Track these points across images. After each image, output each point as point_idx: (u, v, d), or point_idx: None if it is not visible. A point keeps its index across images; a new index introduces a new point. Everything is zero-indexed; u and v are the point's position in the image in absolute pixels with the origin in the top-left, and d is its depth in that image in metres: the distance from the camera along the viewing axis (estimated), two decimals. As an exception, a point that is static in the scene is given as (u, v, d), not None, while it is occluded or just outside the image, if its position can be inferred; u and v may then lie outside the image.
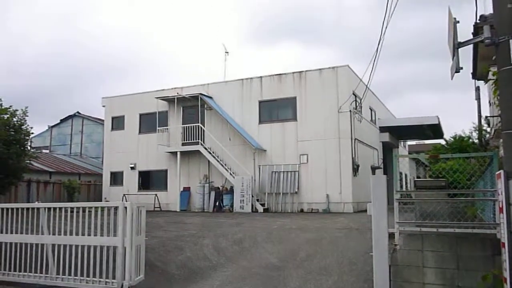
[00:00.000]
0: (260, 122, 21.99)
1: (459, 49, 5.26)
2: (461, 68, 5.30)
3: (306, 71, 21.32)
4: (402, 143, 34.18)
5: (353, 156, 20.13)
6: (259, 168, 21.42)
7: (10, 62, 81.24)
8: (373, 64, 12.58)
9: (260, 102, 22.11)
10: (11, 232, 7.90)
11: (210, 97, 22.99)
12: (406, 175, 28.02)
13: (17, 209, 7.99)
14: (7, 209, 8.06)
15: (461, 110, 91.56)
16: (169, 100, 23.60)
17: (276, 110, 22.00)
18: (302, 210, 20.17)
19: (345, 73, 20.51)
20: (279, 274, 7.59)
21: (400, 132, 28.11)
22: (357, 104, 21.20)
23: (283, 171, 20.84)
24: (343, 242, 9.76)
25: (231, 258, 8.90)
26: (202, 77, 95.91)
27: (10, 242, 7.90)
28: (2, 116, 19.25)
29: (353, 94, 20.53)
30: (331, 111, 20.23)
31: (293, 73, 21.55)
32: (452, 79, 5.67)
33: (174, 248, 9.55)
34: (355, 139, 20.52)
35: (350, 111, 20.11)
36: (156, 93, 24.03)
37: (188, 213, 20.76)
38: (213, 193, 21.76)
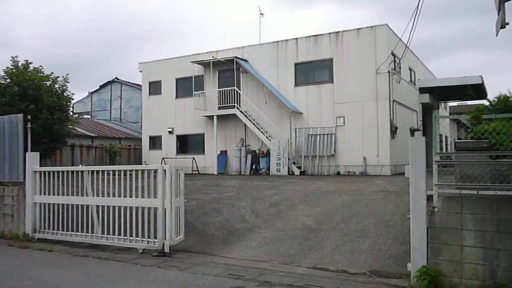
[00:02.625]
0: (296, 84, 21.77)
1: (506, 3, 4.98)
2: (507, 23, 5.03)
3: (343, 31, 20.76)
4: (443, 104, 33.13)
5: (391, 118, 19.74)
6: (295, 131, 21.36)
7: (51, 32, 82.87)
8: (413, 22, 12.11)
9: (296, 64, 21.81)
10: (59, 194, 8.27)
11: (246, 60, 22.84)
12: (446, 137, 27.32)
13: (63, 172, 8.34)
14: (54, 172, 8.42)
15: (506, 68, 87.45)
16: (205, 64, 23.61)
17: (312, 72, 21.68)
18: (338, 173, 20.12)
19: (383, 33, 19.86)
20: (315, 236, 7.68)
21: (441, 93, 27.21)
22: (396, 64, 20.60)
23: (320, 134, 20.72)
24: (380, 205, 9.72)
25: (267, 220, 9.04)
26: (237, 40, 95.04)
27: (58, 203, 8.30)
28: (44, 83, 19.84)
29: (392, 54, 19.92)
30: (368, 72, 19.77)
31: (330, 34, 21.05)
32: (497, 35, 5.41)
33: (212, 210, 9.78)
34: (394, 100, 20.06)
35: (389, 72, 19.58)
36: (191, 57, 24.08)
37: (225, 176, 21.09)
38: (249, 156, 21.94)
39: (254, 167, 21.64)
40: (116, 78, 36.49)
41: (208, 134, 23.85)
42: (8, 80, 19.33)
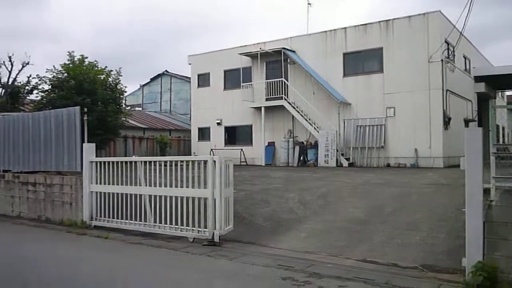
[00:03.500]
0: (345, 75, 21.45)
1: None
2: None
3: (394, 19, 20.22)
4: (500, 93, 31.60)
5: (444, 108, 19.08)
6: (344, 122, 21.09)
7: (103, 26, 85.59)
8: (469, 6, 11.60)
9: (344, 54, 21.49)
10: (114, 184, 8.59)
11: (293, 51, 22.72)
12: (503, 128, 26.07)
13: (117, 162, 8.64)
14: (109, 162, 8.74)
15: None
16: (252, 56, 23.69)
17: (361, 62, 21.28)
18: (388, 165, 19.71)
19: (436, 20, 19.17)
20: (365, 228, 7.58)
21: (498, 82, 25.88)
22: (450, 52, 19.85)
23: (369, 125, 20.36)
24: (432, 198, 9.46)
25: (315, 211, 9.01)
26: (284, 31, 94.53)
27: (113, 193, 8.62)
28: (98, 76, 20.59)
29: (445, 42, 19.21)
30: (420, 61, 19.17)
31: (379, 22, 20.56)
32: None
33: (260, 201, 9.86)
34: (447, 90, 19.36)
35: (442, 60, 18.91)
36: (239, 49, 24.22)
37: (272, 167, 21.16)
38: (297, 148, 21.89)
39: (301, 158, 21.58)
40: (166, 71, 37.28)
41: (255, 125, 23.98)
42: (65, 75, 20.19)
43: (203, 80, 26.86)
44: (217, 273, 5.67)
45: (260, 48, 23.10)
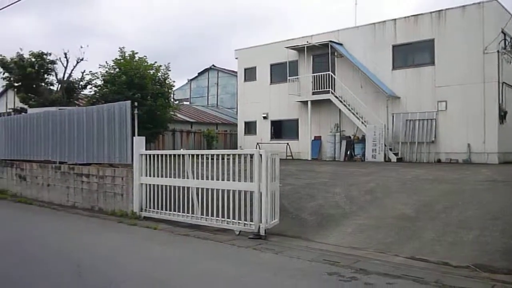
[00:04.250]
0: (394, 68, 20.93)
1: None
2: None
3: (446, 9, 19.50)
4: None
5: (500, 101, 18.24)
6: (393, 116, 20.61)
7: (151, 22, 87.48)
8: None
9: (393, 46, 20.95)
10: (162, 176, 8.80)
11: (341, 44, 22.39)
12: None
13: (166, 155, 8.84)
14: (158, 155, 8.97)
15: None
16: (299, 49, 23.54)
17: (412, 54, 20.68)
18: (439, 161, 19.11)
19: (493, 9, 18.31)
20: (413, 225, 7.40)
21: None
22: (507, 43, 18.91)
23: (419, 119, 19.79)
24: (485, 195, 9.09)
25: (362, 207, 8.88)
26: (332, 25, 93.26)
27: (162, 185, 8.83)
28: (148, 71, 21.12)
29: (502, 32, 18.34)
30: (474, 53, 18.39)
31: (431, 13, 19.87)
32: None
33: (306, 195, 9.81)
34: (503, 82, 18.49)
35: (498, 51, 18.05)
36: (285, 43, 24.13)
37: (319, 161, 21.00)
38: (344, 142, 21.61)
39: (348, 153, 21.29)
40: (213, 65, 37.71)
41: (302, 119, 23.85)
42: (117, 70, 20.83)
43: (250, 74, 26.98)
44: (263, 266, 5.71)
45: (307, 42, 22.91)
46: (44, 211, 11.10)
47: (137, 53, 21.64)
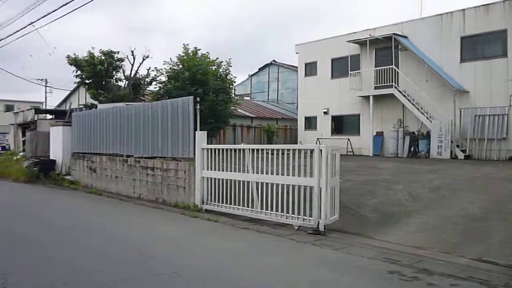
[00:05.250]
0: (462, 60, 19.98)
1: None
2: None
3: (523, -3, 18.32)
4: None
5: None
6: (460, 111, 19.71)
7: (213, 18, 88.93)
8: None
9: (462, 38, 19.99)
10: (223, 170, 8.98)
11: (405, 37, 21.68)
12: None
13: (227, 150, 9.00)
14: (219, 149, 9.15)
15: None
16: (361, 43, 23.06)
17: (481, 46, 19.63)
18: (510, 158, 18.06)
19: None
20: (481, 225, 7.07)
21: None
22: None
23: (489, 115, 18.79)
24: None
25: (426, 205, 8.59)
26: (395, 17, 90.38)
27: (222, 178, 9.01)
28: (210, 67, 21.53)
29: None
30: (553, 44, 17.16)
31: (504, 1, 18.75)
32: None
33: (367, 192, 9.64)
34: None
35: None
36: (347, 37, 23.72)
37: (380, 158, 20.51)
38: (407, 138, 20.96)
39: (412, 149, 20.63)
40: (274, 60, 37.78)
41: (363, 114, 23.39)
42: (180, 66, 21.41)
43: (310, 69, 26.78)
44: (321, 262, 5.69)
45: (370, 35, 22.39)
46: (112, 202, 11.67)
47: (199, 49, 22.13)
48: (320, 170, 7.10)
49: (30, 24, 20.01)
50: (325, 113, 25.55)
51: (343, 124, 25.16)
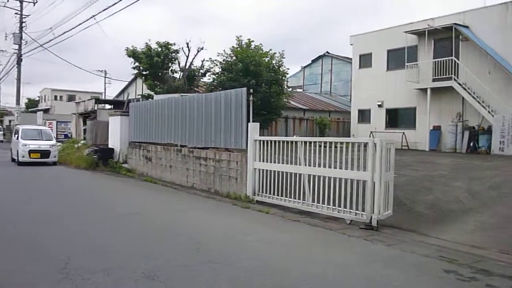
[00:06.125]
0: (529, 51, 18.83)
1: None
2: None
3: None
4: None
5: None
6: (525, 105, 18.64)
7: (269, 10, 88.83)
8: None
9: (529, 28, 18.83)
10: (275, 162, 9.00)
11: (466, 27, 20.71)
12: None
13: (279, 141, 9.02)
14: (271, 141, 9.18)
15: None
16: (419, 33, 22.25)
17: (550, 36, 18.41)
18: None
19: None
20: (547, 226, 6.69)
21: None
22: None
23: (558, 109, 17.64)
24: None
25: (486, 203, 8.22)
26: (456, 6, 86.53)
27: (274, 170, 9.04)
28: (263, 59, 21.54)
29: None
30: None
31: None
32: None
33: (422, 188, 9.35)
34: None
35: None
36: (404, 27, 22.94)
37: (437, 153, 19.81)
38: (466, 133, 20.07)
39: (471, 144, 19.75)
40: (327, 52, 37.27)
41: (420, 108, 22.62)
42: (234, 58, 21.57)
43: (365, 60, 26.17)
44: (374, 257, 5.59)
45: (428, 25, 21.54)
46: (167, 190, 12.00)
47: (253, 41, 22.17)
48: (374, 164, 6.97)
49: (91, 17, 20.84)
50: (379, 105, 24.93)
51: (398, 117, 24.46)
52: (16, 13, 31.62)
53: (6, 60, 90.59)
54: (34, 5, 32.36)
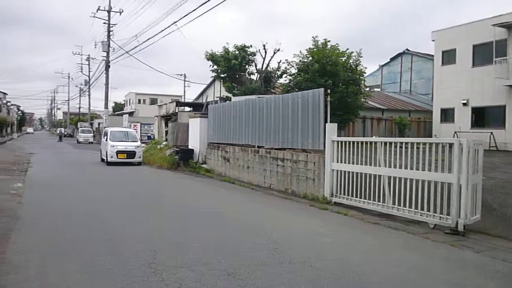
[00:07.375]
0: None
1: None
2: None
3: None
4: None
5: None
6: None
7: (345, 9, 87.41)
8: None
9: None
10: (353, 163, 8.85)
11: None
12: None
13: (357, 142, 8.85)
14: (349, 142, 9.04)
15: None
16: (509, 26, 20.80)
17: None
18: None
19: None
20: None
21: None
22: None
23: None
24: None
25: None
26: (552, -6, 79.51)
27: (352, 171, 8.89)
28: (340, 59, 21.26)
29: None
30: None
31: None
32: None
33: (514, 191, 8.74)
34: None
35: None
36: (492, 20, 21.55)
37: (530, 154, 18.39)
38: None
39: None
40: (407, 49, 35.98)
41: (510, 106, 21.16)
42: (310, 58, 21.49)
43: (448, 56, 24.91)
44: (462, 264, 5.33)
45: (520, 17, 20.10)
46: (245, 190, 12.22)
47: (329, 41, 21.94)
48: (460, 166, 6.63)
49: (173, 23, 21.68)
50: (464, 104, 23.60)
51: (485, 116, 23.02)
52: (104, 23, 33.81)
53: (95, 67, 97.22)
54: (120, 14, 34.42)
